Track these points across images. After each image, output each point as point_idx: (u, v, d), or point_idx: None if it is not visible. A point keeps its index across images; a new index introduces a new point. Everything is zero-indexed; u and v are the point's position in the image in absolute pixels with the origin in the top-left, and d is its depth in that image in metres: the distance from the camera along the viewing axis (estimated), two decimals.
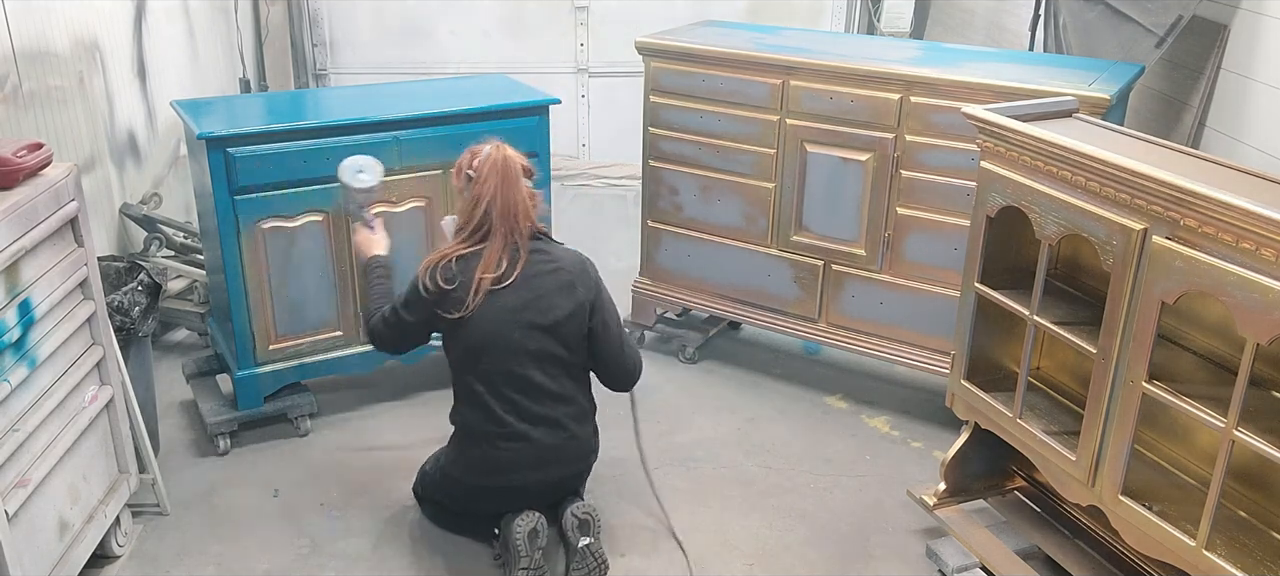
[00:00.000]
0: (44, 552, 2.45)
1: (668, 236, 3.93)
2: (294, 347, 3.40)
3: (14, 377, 2.31)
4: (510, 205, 2.67)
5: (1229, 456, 2.08)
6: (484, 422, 2.72)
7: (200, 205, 3.48)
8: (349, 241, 3.35)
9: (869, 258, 3.52)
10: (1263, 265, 1.95)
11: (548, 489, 2.81)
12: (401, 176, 3.39)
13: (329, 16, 6.07)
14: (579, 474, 2.88)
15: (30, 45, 3.35)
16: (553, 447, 2.73)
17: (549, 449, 2.72)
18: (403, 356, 3.59)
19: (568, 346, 2.72)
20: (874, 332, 3.60)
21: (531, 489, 2.76)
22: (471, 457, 2.77)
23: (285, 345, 3.39)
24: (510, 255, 2.68)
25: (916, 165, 3.33)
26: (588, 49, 6.19)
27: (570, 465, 2.81)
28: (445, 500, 2.95)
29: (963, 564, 2.77)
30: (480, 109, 3.51)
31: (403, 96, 3.70)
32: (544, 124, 3.59)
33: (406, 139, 3.37)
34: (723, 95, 3.63)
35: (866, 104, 3.36)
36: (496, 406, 2.69)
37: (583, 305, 2.73)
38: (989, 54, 3.82)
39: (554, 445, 2.73)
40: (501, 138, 2.87)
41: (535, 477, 2.74)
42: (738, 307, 3.87)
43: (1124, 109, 3.35)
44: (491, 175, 2.68)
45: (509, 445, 2.71)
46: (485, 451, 2.73)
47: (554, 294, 2.70)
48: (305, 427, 3.46)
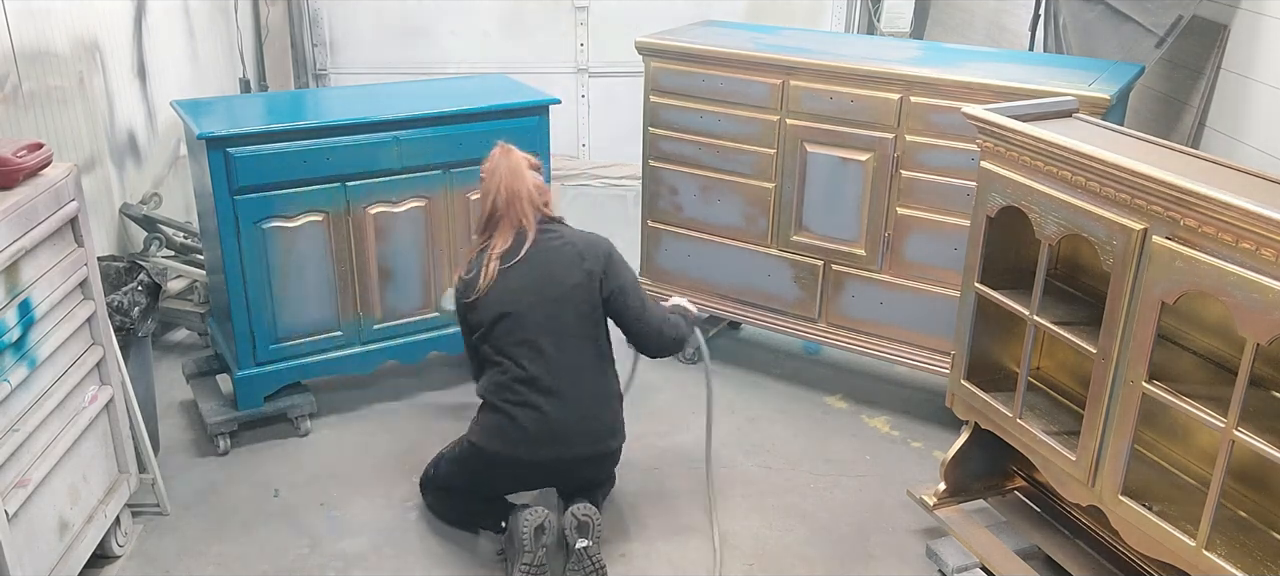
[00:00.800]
0: (44, 552, 2.45)
1: (668, 236, 3.93)
2: (294, 347, 3.40)
3: (14, 378, 2.31)
4: (515, 193, 2.79)
5: (1229, 456, 2.08)
6: (499, 387, 2.76)
7: (200, 205, 3.48)
8: (349, 241, 3.35)
9: (869, 258, 3.52)
10: (1263, 265, 1.95)
11: (560, 471, 2.83)
12: (400, 176, 3.39)
13: (329, 16, 6.07)
14: (592, 459, 2.85)
15: (30, 45, 3.35)
16: (564, 423, 2.74)
17: (560, 423, 2.73)
18: (403, 357, 3.62)
19: (579, 316, 2.77)
20: (874, 333, 3.60)
21: (542, 466, 2.78)
22: (488, 421, 2.80)
23: (285, 345, 3.38)
24: (517, 236, 2.79)
25: (917, 165, 3.33)
26: (588, 49, 6.19)
27: (582, 445, 2.79)
28: (457, 480, 2.94)
29: (963, 564, 2.77)
30: (480, 109, 3.51)
31: (403, 96, 3.70)
32: (544, 124, 3.59)
33: (406, 139, 3.37)
34: (723, 95, 3.63)
35: (866, 104, 3.36)
36: (511, 369, 2.74)
37: (591, 275, 2.79)
38: (989, 54, 3.82)
39: (565, 421, 2.74)
40: (502, 138, 2.97)
41: (545, 455, 2.75)
42: (738, 308, 3.88)
43: (1124, 109, 3.35)
44: (496, 172, 2.83)
45: (520, 412, 2.72)
46: (499, 418, 2.76)
47: (562, 265, 2.78)
48: (305, 427, 3.46)
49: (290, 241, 3.27)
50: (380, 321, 3.52)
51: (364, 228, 3.38)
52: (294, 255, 3.30)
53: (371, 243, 3.41)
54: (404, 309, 3.56)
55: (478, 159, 3.39)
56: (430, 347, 3.66)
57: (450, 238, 3.55)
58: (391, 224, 3.43)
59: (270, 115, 3.57)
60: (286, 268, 3.29)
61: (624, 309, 2.85)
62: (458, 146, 3.45)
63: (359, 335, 3.50)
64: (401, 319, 3.57)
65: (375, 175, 3.35)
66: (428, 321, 3.61)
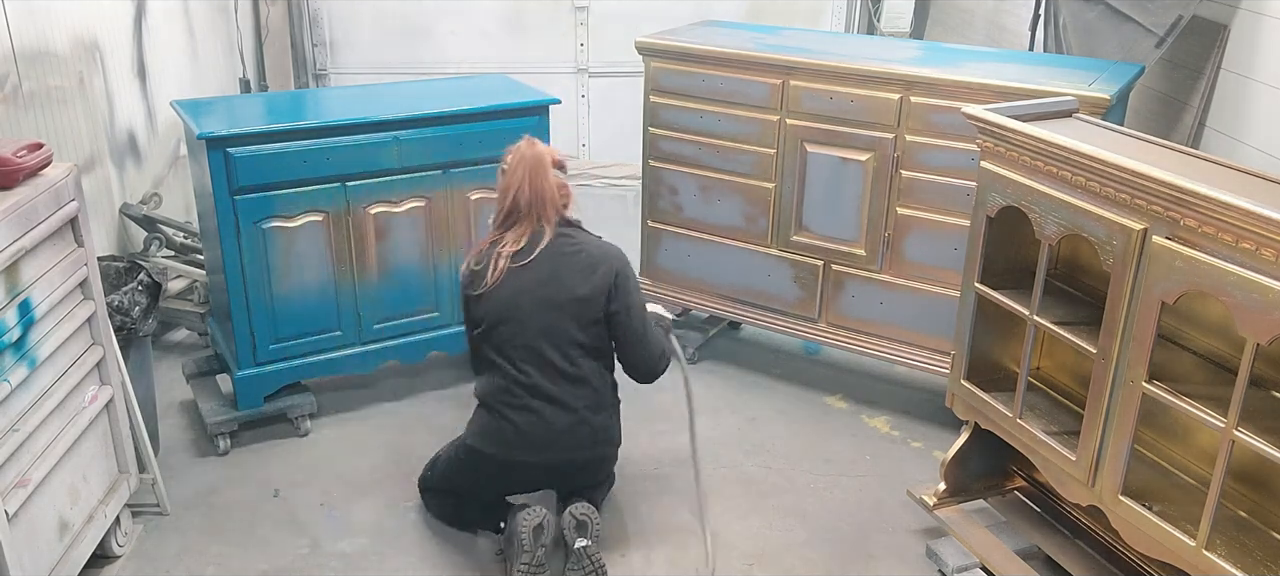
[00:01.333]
0: (44, 552, 2.45)
1: (668, 236, 3.93)
2: (294, 347, 3.40)
3: (14, 377, 2.31)
4: (538, 193, 2.75)
5: (1229, 456, 2.08)
6: (498, 390, 2.75)
7: (200, 205, 3.48)
8: (350, 241, 3.35)
9: (869, 257, 3.52)
10: (1263, 265, 1.95)
11: (556, 475, 2.83)
12: (400, 176, 3.39)
13: (329, 16, 6.07)
14: (587, 464, 2.85)
15: (30, 45, 3.35)
16: (561, 429, 2.73)
17: (557, 430, 2.72)
18: (403, 357, 3.61)
19: (582, 326, 2.74)
20: (874, 332, 3.59)
21: (537, 469, 2.78)
22: (484, 423, 2.79)
23: (285, 344, 3.39)
24: (532, 236, 2.75)
25: (917, 165, 3.33)
26: (588, 49, 6.19)
27: (578, 451, 2.79)
28: (454, 482, 2.94)
29: (963, 564, 2.77)
30: (479, 109, 3.51)
31: (402, 97, 3.71)
32: (543, 124, 3.59)
33: (406, 139, 3.37)
34: (723, 95, 3.63)
35: (866, 104, 3.36)
36: (510, 373, 2.72)
37: (600, 289, 2.75)
38: (989, 54, 3.82)
39: (562, 427, 2.73)
40: (501, 138, 2.95)
41: (541, 459, 2.75)
42: (738, 308, 3.87)
43: (1124, 109, 3.35)
44: (519, 166, 2.77)
45: (518, 415, 2.71)
46: (496, 420, 2.75)
47: (572, 274, 2.74)
48: (305, 427, 3.46)
49: (290, 241, 3.27)
50: (380, 321, 3.53)
51: (364, 228, 3.38)
52: (294, 255, 3.30)
53: (372, 242, 3.41)
54: (405, 309, 3.56)
55: (477, 159, 3.41)
56: (431, 347, 3.66)
57: (451, 237, 3.55)
58: (392, 224, 3.43)
59: (270, 115, 3.57)
60: (286, 267, 3.29)
61: (626, 330, 2.80)
62: (458, 146, 3.45)
63: (359, 335, 3.50)
64: (402, 318, 3.56)
65: (375, 175, 3.35)
66: (429, 321, 3.61)
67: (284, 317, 3.35)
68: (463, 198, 3.53)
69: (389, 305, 3.52)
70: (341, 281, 3.41)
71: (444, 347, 3.68)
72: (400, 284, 3.52)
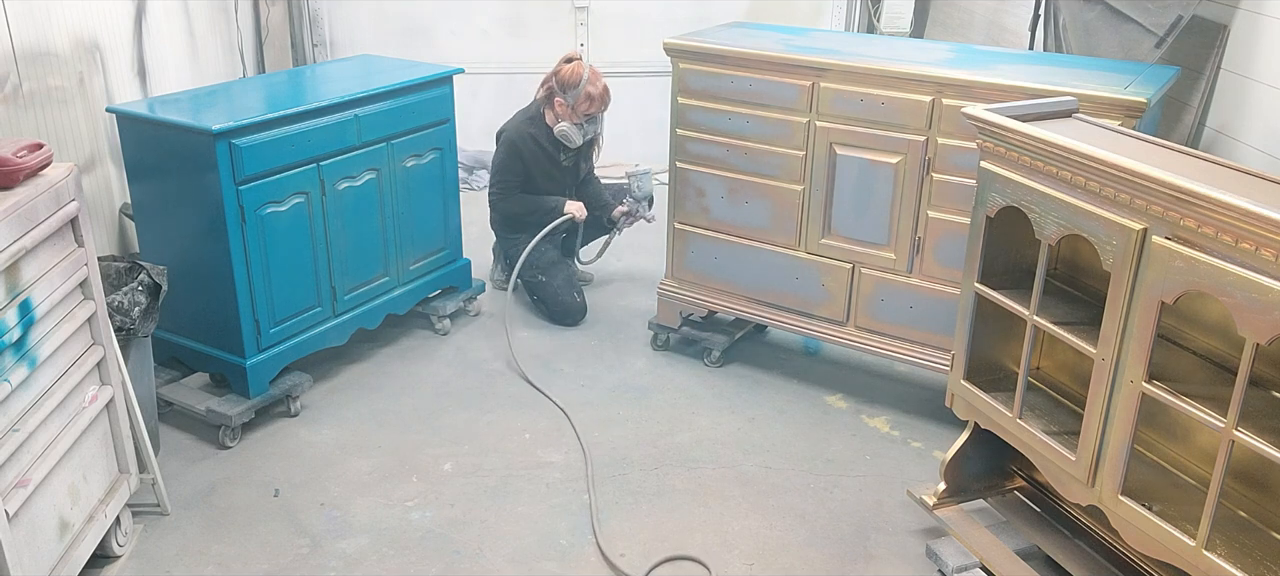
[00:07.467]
0: (44, 552, 2.45)
1: (695, 238, 3.90)
2: (289, 328, 3.57)
3: (14, 378, 2.31)
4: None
5: (1229, 456, 2.08)
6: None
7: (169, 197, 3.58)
8: (324, 218, 3.57)
9: (899, 261, 3.49)
10: (1263, 265, 1.95)
11: None
12: (360, 150, 3.69)
13: (329, 16, 6.07)
14: None
15: (30, 45, 3.35)
16: None
17: None
18: (366, 322, 3.89)
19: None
20: (905, 337, 3.55)
21: None
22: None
23: (283, 326, 3.55)
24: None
25: (949, 168, 3.29)
26: (588, 49, 6.18)
27: None
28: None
29: (963, 564, 2.77)
30: (417, 81, 3.91)
31: (335, 78, 4.00)
32: (448, 93, 4.07)
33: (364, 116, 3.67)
34: (751, 97, 3.60)
35: (898, 106, 3.32)
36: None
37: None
38: (1021, 56, 3.73)
39: None
40: (423, 109, 3.91)
41: None
42: (765, 311, 3.83)
43: (1160, 112, 3.27)
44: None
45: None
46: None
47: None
48: (296, 408, 3.57)
49: (282, 224, 3.43)
50: (349, 291, 3.78)
51: (334, 203, 3.62)
52: (285, 237, 3.46)
53: (340, 217, 3.66)
54: (366, 276, 3.87)
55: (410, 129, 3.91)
56: (386, 310, 3.99)
57: (394, 204, 3.91)
58: (354, 196, 3.70)
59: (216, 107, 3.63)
60: (280, 250, 3.46)
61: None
62: (399, 119, 3.86)
63: (333, 307, 3.72)
64: (364, 286, 3.87)
65: (342, 152, 3.63)
66: (382, 286, 3.95)
67: (279, 301, 3.50)
68: (402, 166, 3.91)
69: (354, 274, 3.80)
70: (318, 257, 3.61)
71: (395, 308, 4.02)
72: (362, 252, 3.80)
